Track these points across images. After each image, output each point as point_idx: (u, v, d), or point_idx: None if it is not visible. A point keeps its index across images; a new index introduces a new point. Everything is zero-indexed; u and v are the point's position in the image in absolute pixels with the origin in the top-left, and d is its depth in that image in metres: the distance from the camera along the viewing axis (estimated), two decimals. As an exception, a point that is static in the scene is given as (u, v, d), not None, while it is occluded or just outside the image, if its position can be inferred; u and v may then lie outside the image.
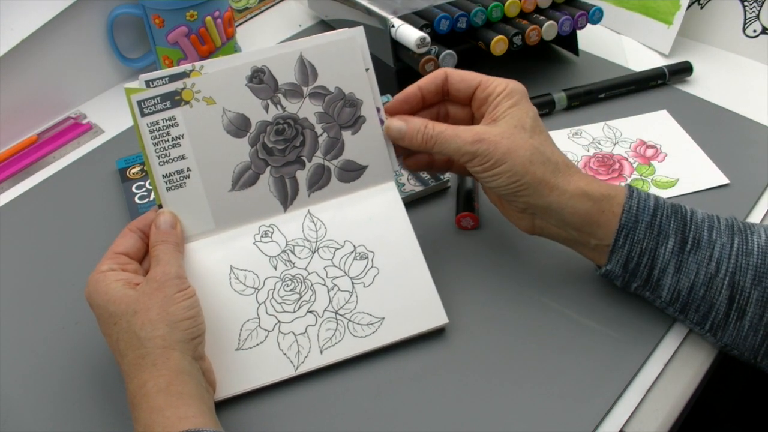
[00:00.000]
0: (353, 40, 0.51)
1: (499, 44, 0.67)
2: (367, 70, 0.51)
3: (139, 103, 0.48)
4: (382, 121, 0.51)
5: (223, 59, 0.49)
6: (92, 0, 0.71)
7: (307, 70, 0.50)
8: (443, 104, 0.53)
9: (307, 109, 0.50)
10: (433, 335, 0.50)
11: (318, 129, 0.51)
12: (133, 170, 0.65)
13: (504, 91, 0.48)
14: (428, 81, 0.51)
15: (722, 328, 0.46)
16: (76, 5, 0.69)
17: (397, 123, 0.50)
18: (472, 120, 0.52)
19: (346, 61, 0.51)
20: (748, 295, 0.44)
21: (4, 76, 0.67)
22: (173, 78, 0.49)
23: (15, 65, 0.68)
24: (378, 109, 0.51)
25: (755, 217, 0.58)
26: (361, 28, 0.51)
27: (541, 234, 0.51)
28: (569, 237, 0.49)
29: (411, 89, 0.51)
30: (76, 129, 0.72)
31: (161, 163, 0.49)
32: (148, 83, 0.48)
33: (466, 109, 0.52)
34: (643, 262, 0.46)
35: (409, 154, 0.53)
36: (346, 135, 0.51)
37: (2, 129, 0.70)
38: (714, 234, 0.45)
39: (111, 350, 0.44)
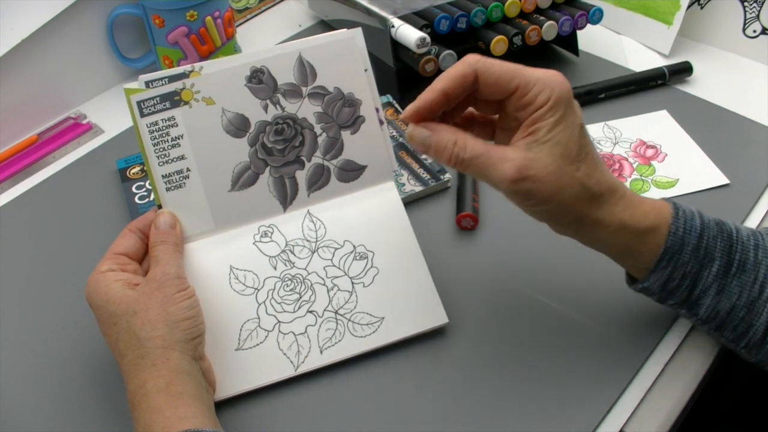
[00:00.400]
0: (352, 40, 0.51)
1: (499, 44, 0.67)
2: (365, 70, 0.51)
3: (138, 103, 0.48)
4: (381, 121, 0.51)
5: (222, 60, 0.49)
6: (92, 0, 0.71)
7: (306, 70, 0.50)
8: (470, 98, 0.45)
9: (307, 109, 0.50)
10: (433, 335, 0.50)
11: (317, 129, 0.51)
12: (133, 170, 0.65)
13: (547, 104, 0.40)
14: (455, 84, 0.41)
15: (758, 347, 0.44)
16: (76, 5, 0.69)
17: (422, 132, 0.42)
18: (502, 112, 0.45)
19: (344, 61, 0.51)
20: None
21: (4, 76, 0.67)
22: (173, 78, 0.49)
23: (15, 65, 0.68)
24: (377, 109, 0.51)
25: (755, 218, 0.58)
26: (360, 29, 0.51)
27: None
28: (609, 255, 0.46)
29: (435, 96, 0.42)
30: (76, 129, 0.72)
31: (161, 164, 0.49)
32: (147, 84, 0.48)
33: (496, 105, 0.44)
34: (684, 285, 0.43)
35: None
36: (346, 135, 0.51)
37: (2, 129, 0.70)
38: (760, 254, 0.43)
39: (111, 350, 0.44)
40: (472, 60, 0.41)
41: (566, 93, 0.40)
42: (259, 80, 0.50)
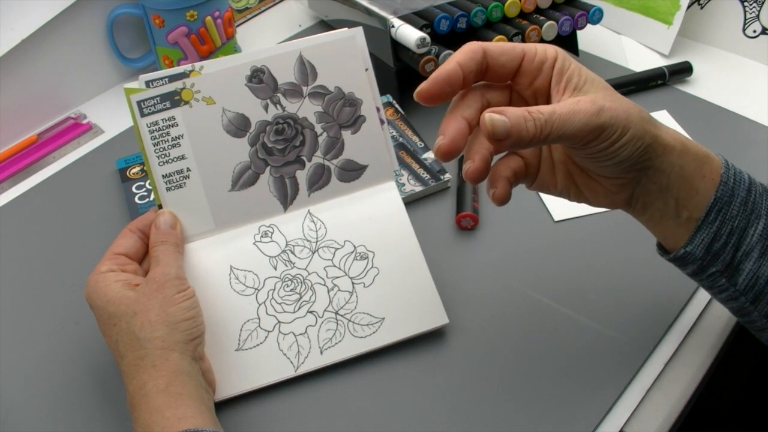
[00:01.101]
0: (352, 39, 0.51)
1: (499, 44, 0.67)
2: (366, 70, 0.51)
3: (138, 103, 0.48)
4: (382, 121, 0.51)
5: (222, 59, 0.49)
6: (92, 0, 0.71)
7: (306, 69, 0.50)
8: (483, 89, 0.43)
9: (307, 109, 0.50)
10: (434, 335, 0.50)
11: (318, 128, 0.51)
12: (133, 170, 0.65)
13: (558, 54, 0.40)
14: (467, 57, 0.41)
15: None
16: (76, 5, 0.69)
17: (499, 117, 0.37)
18: (519, 103, 0.43)
19: (345, 60, 0.51)
20: None
21: (4, 76, 0.67)
22: (173, 78, 0.49)
23: (15, 65, 0.68)
24: (378, 109, 0.51)
25: (755, 217, 0.58)
26: (360, 28, 0.51)
27: (631, 209, 0.44)
28: (664, 207, 0.42)
29: (450, 67, 0.41)
30: (76, 129, 0.72)
31: (161, 164, 0.48)
32: (148, 84, 0.48)
33: (505, 92, 0.43)
34: (730, 242, 0.41)
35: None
36: (346, 134, 0.51)
37: (2, 129, 0.70)
38: None
39: (110, 351, 0.44)
40: (474, 43, 0.42)
41: (563, 51, 0.41)
42: (260, 80, 0.50)
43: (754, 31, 0.75)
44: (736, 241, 0.41)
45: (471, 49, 0.41)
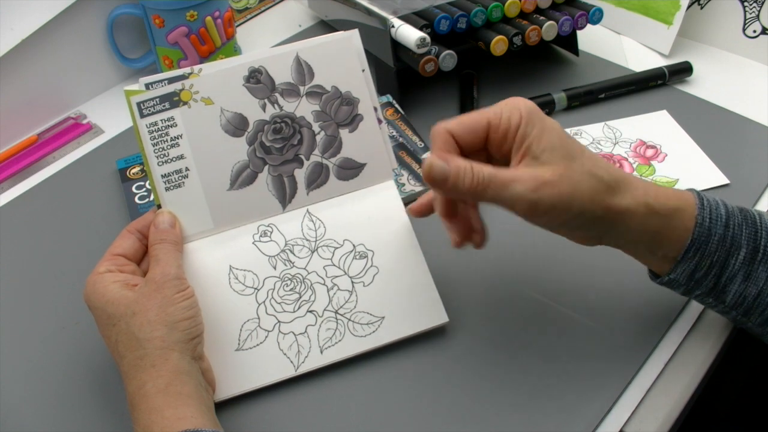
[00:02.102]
0: (349, 40, 0.51)
1: (499, 44, 0.67)
2: (363, 70, 0.51)
3: (138, 104, 0.48)
4: (380, 120, 0.51)
5: (220, 62, 0.50)
6: (92, 0, 0.71)
7: (303, 69, 0.50)
8: None
9: (304, 108, 0.50)
10: (433, 334, 0.50)
11: (315, 127, 0.51)
12: (133, 170, 0.65)
13: (523, 120, 0.40)
14: (441, 144, 0.42)
15: None
16: (76, 5, 0.69)
17: (438, 162, 0.40)
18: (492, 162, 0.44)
19: (342, 60, 0.51)
20: None
21: (4, 76, 0.67)
22: (172, 80, 0.49)
23: (15, 65, 0.68)
24: (375, 108, 0.51)
25: (755, 217, 0.58)
26: (357, 30, 0.51)
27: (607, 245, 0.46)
28: (637, 252, 0.45)
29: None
30: (76, 129, 0.72)
31: (160, 163, 0.49)
32: (147, 86, 0.49)
33: (482, 154, 0.44)
34: (711, 273, 0.43)
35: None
36: (344, 133, 0.51)
37: (2, 129, 0.70)
38: None
39: (110, 351, 0.44)
40: (439, 126, 0.42)
41: (533, 107, 0.41)
42: (257, 80, 0.50)
43: (754, 31, 0.75)
44: (717, 271, 0.43)
45: (443, 138, 0.42)
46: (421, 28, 0.66)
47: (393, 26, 0.67)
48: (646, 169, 0.63)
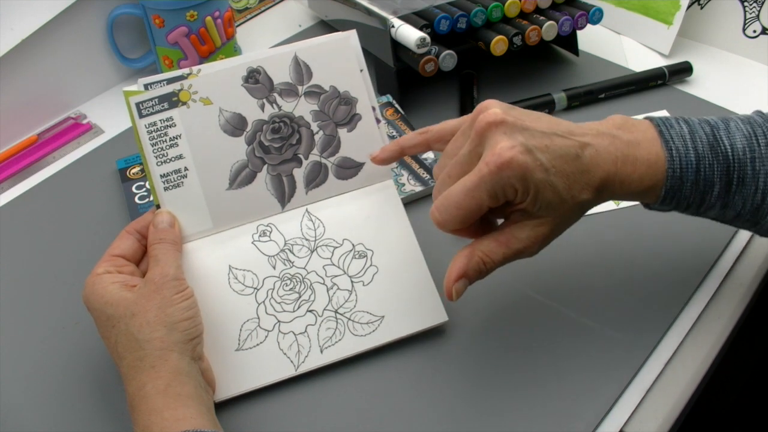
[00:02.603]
0: (347, 40, 0.51)
1: (499, 44, 0.67)
2: (361, 70, 0.52)
3: (137, 104, 0.49)
4: (378, 120, 0.52)
5: (219, 62, 0.50)
6: (92, 0, 0.71)
7: (302, 69, 0.51)
8: None
9: (303, 108, 0.51)
10: (433, 333, 0.50)
11: (314, 127, 0.51)
12: (133, 170, 0.65)
13: (517, 193, 0.41)
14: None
15: (766, 232, 0.46)
16: (76, 5, 0.69)
17: (459, 284, 0.44)
18: None
19: (340, 61, 0.51)
20: None
21: (4, 76, 0.67)
22: (171, 81, 0.49)
23: (15, 65, 0.68)
24: (374, 108, 0.52)
25: (755, 217, 0.58)
26: (354, 31, 0.52)
27: None
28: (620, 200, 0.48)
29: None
30: (76, 129, 0.72)
31: (159, 163, 0.49)
32: (146, 86, 0.49)
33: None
34: (691, 207, 0.45)
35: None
36: (342, 132, 0.51)
37: (2, 129, 0.70)
38: (757, 164, 0.43)
39: (109, 352, 0.44)
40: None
41: (522, 166, 0.40)
42: (256, 80, 0.50)
43: (754, 31, 0.75)
44: (695, 207, 0.45)
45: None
46: (421, 28, 0.66)
47: (393, 26, 0.67)
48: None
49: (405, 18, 0.68)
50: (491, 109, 0.42)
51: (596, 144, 0.42)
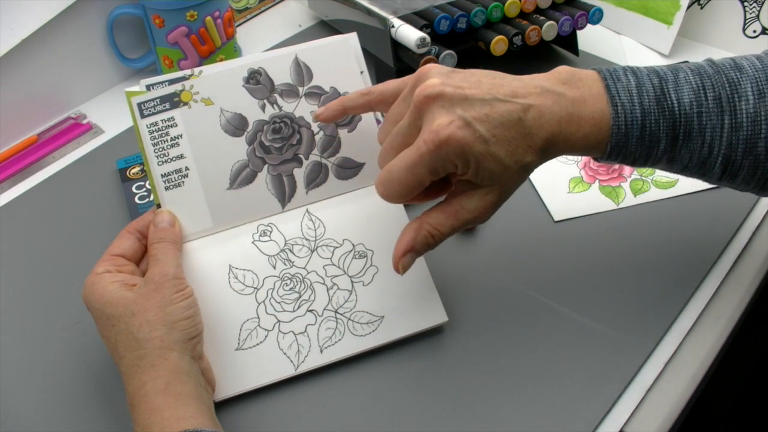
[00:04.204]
0: (347, 42, 0.52)
1: (499, 44, 0.67)
2: (361, 72, 0.52)
3: (139, 105, 0.49)
4: (378, 121, 0.52)
5: (220, 63, 0.50)
6: (92, 0, 0.71)
7: (302, 70, 0.51)
8: None
9: (303, 108, 0.51)
10: (433, 333, 0.50)
11: (314, 127, 0.51)
12: (133, 170, 0.65)
13: (458, 168, 0.42)
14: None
15: (714, 183, 0.46)
16: (76, 5, 0.69)
17: (405, 259, 0.45)
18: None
19: (340, 62, 0.51)
20: (739, 165, 0.43)
21: (4, 76, 0.67)
22: (173, 82, 0.49)
23: (15, 65, 0.68)
24: None
25: (755, 218, 0.58)
26: (355, 33, 0.52)
27: None
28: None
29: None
30: (76, 129, 0.72)
31: (160, 163, 0.49)
32: (148, 87, 0.49)
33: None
34: (638, 161, 0.45)
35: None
36: (342, 133, 0.51)
37: (2, 129, 0.70)
38: (704, 119, 0.43)
39: (109, 352, 0.44)
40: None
41: (460, 142, 0.40)
42: (257, 81, 0.50)
43: (754, 31, 0.75)
44: (642, 160, 0.45)
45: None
46: (421, 28, 0.66)
47: (393, 26, 0.67)
48: (646, 169, 0.63)
49: (405, 18, 0.68)
50: (429, 78, 0.42)
51: (540, 105, 0.42)
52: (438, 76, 0.42)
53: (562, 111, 0.42)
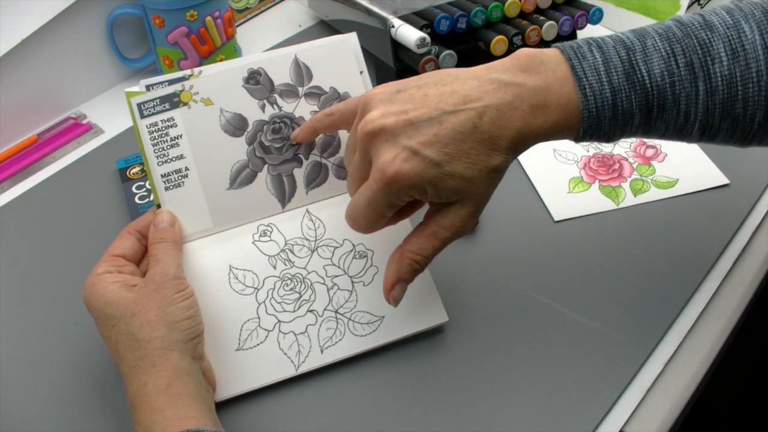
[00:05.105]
0: (347, 42, 0.52)
1: (499, 44, 0.67)
2: (361, 72, 0.52)
3: (139, 105, 0.49)
4: None
5: (220, 64, 0.50)
6: (92, 0, 0.71)
7: (302, 71, 0.51)
8: None
9: (303, 108, 0.51)
10: (433, 334, 0.50)
11: None
12: (133, 170, 0.65)
13: (416, 197, 0.41)
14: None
15: (694, 143, 0.46)
16: (76, 5, 0.69)
17: (396, 290, 0.44)
18: None
19: (340, 62, 0.51)
20: (718, 128, 0.42)
21: (4, 76, 0.67)
22: (173, 82, 0.49)
23: (15, 65, 0.68)
24: None
25: (755, 218, 0.58)
26: (355, 33, 0.52)
27: None
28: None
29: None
30: (76, 129, 0.72)
31: (160, 163, 0.49)
32: (148, 87, 0.49)
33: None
34: (614, 137, 0.43)
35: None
36: (342, 133, 0.51)
37: (2, 129, 0.70)
38: (677, 88, 0.41)
39: (110, 352, 0.44)
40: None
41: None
42: (257, 81, 0.50)
43: (754, 31, 0.75)
44: (617, 137, 0.43)
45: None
46: (421, 28, 0.66)
47: (393, 26, 0.67)
48: (646, 169, 0.63)
49: (405, 18, 0.68)
50: (370, 111, 0.41)
51: (497, 103, 0.39)
52: (380, 104, 0.41)
53: (524, 104, 0.40)
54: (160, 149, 0.49)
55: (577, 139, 0.42)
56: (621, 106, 0.41)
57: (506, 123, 0.39)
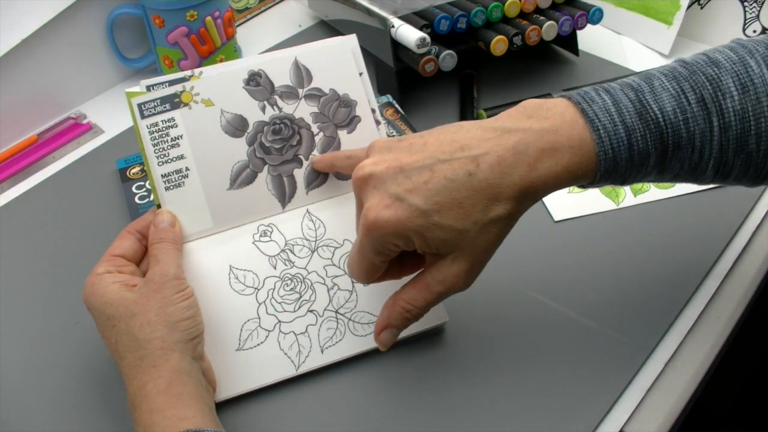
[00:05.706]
0: (346, 45, 0.52)
1: (499, 44, 0.67)
2: (360, 74, 0.52)
3: (139, 105, 0.49)
4: (377, 122, 0.52)
5: (221, 65, 0.51)
6: (92, 0, 0.71)
7: (302, 73, 0.51)
8: None
9: (303, 110, 0.51)
10: (433, 334, 0.50)
11: (314, 128, 0.51)
12: (133, 170, 0.65)
13: (411, 249, 0.40)
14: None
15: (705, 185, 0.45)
16: (76, 5, 0.69)
17: (386, 334, 0.43)
18: None
19: (339, 64, 0.52)
20: (731, 165, 0.41)
21: (4, 76, 0.67)
22: (173, 82, 0.49)
23: (15, 65, 0.68)
24: (373, 110, 0.52)
25: (755, 218, 0.58)
26: (354, 35, 0.52)
27: None
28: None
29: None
30: (76, 129, 0.72)
31: (160, 164, 0.49)
32: (149, 88, 0.49)
33: None
34: (628, 180, 0.41)
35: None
36: (342, 134, 0.51)
37: (2, 129, 0.70)
38: (691, 125, 0.40)
39: (110, 352, 0.44)
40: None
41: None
42: (257, 83, 0.50)
43: (754, 31, 0.75)
44: (632, 179, 0.41)
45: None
46: (421, 28, 0.66)
47: (393, 26, 0.67)
48: (646, 169, 0.63)
49: (405, 18, 0.68)
50: (366, 159, 0.40)
51: (496, 150, 0.38)
52: (378, 152, 0.40)
53: (529, 149, 0.38)
54: (161, 149, 0.49)
55: (593, 183, 0.41)
56: (637, 145, 0.39)
57: (508, 170, 0.38)
